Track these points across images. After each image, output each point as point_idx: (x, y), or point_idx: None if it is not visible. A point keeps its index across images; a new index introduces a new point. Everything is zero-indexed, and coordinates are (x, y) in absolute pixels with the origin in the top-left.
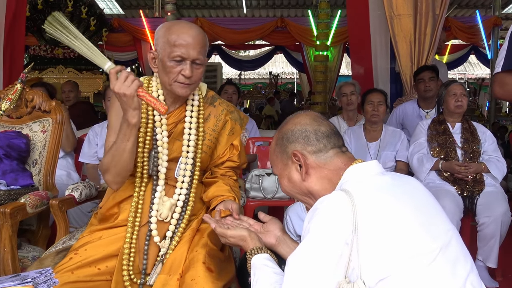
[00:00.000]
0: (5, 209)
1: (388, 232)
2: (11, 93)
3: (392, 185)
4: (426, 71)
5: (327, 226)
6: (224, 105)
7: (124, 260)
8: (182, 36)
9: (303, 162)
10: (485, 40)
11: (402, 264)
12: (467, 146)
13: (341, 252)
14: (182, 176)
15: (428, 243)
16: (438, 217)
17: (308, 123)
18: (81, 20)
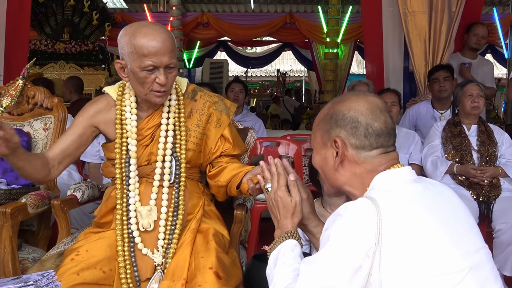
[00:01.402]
0: (6, 209)
1: (414, 247)
2: (12, 90)
3: (423, 196)
4: (440, 70)
5: (348, 235)
6: (207, 97)
7: (122, 273)
8: (150, 43)
9: (341, 153)
10: (502, 39)
11: (428, 283)
12: (483, 149)
13: (360, 264)
14: (159, 174)
15: (457, 261)
16: (471, 234)
17: (364, 113)
18: (83, 14)
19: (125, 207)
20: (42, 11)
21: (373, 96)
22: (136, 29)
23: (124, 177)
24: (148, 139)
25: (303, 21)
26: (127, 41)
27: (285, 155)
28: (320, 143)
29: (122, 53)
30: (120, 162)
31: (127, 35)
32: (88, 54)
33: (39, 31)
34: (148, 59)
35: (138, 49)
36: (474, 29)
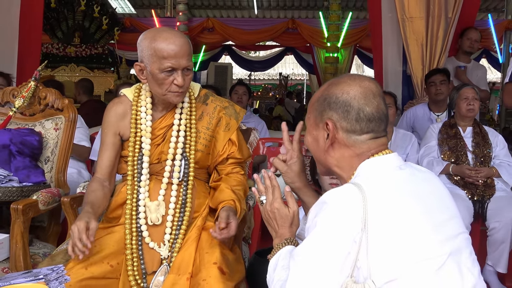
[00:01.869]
0: (18, 206)
1: (398, 232)
2: (24, 91)
3: (408, 182)
4: (437, 74)
5: (335, 222)
6: (217, 102)
7: (129, 265)
8: (170, 47)
9: (332, 135)
10: (496, 44)
11: (411, 267)
12: (478, 150)
13: (348, 250)
14: (168, 172)
15: (438, 246)
16: (453, 220)
17: (357, 97)
18: (93, 19)
19: (135, 202)
20: (54, 16)
21: (368, 81)
22: (156, 34)
23: (135, 174)
24: (160, 139)
25: (305, 27)
26: (147, 44)
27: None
28: (313, 124)
29: (141, 56)
30: (133, 159)
31: (147, 39)
32: (97, 57)
33: (51, 35)
34: (168, 61)
35: (158, 52)
36: (468, 33)
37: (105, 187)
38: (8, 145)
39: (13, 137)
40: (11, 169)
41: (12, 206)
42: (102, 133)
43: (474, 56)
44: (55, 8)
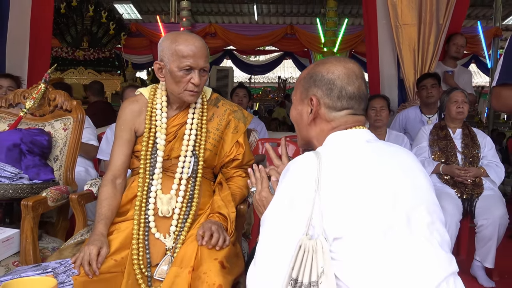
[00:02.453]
0: (28, 202)
1: (347, 195)
2: (35, 93)
3: (369, 153)
4: (428, 78)
5: (293, 184)
6: (228, 105)
7: (134, 254)
8: (189, 47)
9: (315, 110)
10: (485, 50)
11: (356, 228)
12: (467, 151)
13: (303, 208)
14: (180, 173)
15: (388, 213)
16: (413, 192)
17: (341, 77)
18: (101, 24)
19: (145, 195)
20: (64, 21)
21: (352, 63)
22: (178, 36)
23: (147, 168)
24: (172, 136)
25: (303, 32)
26: (168, 45)
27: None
28: (298, 99)
29: (161, 56)
30: (146, 154)
31: (169, 39)
32: (105, 60)
33: (60, 40)
34: (187, 60)
35: (178, 51)
36: (454, 39)
37: (118, 186)
38: (19, 144)
39: (23, 136)
40: (21, 167)
41: (23, 202)
42: (117, 129)
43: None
44: (65, 14)
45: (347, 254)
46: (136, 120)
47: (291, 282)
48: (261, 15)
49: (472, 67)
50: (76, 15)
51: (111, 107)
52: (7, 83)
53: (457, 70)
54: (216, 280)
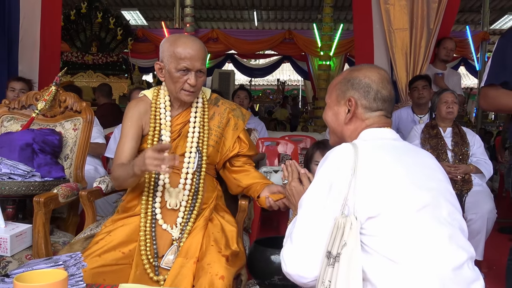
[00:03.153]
0: (40, 199)
1: (381, 179)
2: (46, 95)
3: (397, 148)
4: (420, 80)
5: (331, 169)
6: (227, 104)
7: (142, 245)
8: (187, 50)
9: (353, 110)
10: (474, 53)
11: (390, 207)
12: (457, 149)
13: (339, 190)
14: (187, 163)
15: (415, 195)
16: (433, 181)
17: (376, 81)
18: (109, 30)
19: (152, 190)
20: (73, 27)
21: (383, 70)
22: (177, 38)
23: None
24: (176, 134)
25: (300, 37)
26: (168, 46)
27: (283, 153)
28: (334, 101)
29: (162, 57)
30: None
31: (169, 42)
32: (113, 64)
33: (70, 45)
34: (184, 62)
35: (176, 54)
36: (444, 43)
37: None
38: (31, 144)
39: (35, 136)
40: (34, 165)
41: (35, 199)
42: (124, 127)
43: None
44: (75, 20)
45: (382, 230)
46: (143, 118)
47: (327, 254)
48: (261, 21)
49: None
50: (85, 21)
51: (119, 109)
52: (20, 85)
53: (446, 72)
54: (219, 271)
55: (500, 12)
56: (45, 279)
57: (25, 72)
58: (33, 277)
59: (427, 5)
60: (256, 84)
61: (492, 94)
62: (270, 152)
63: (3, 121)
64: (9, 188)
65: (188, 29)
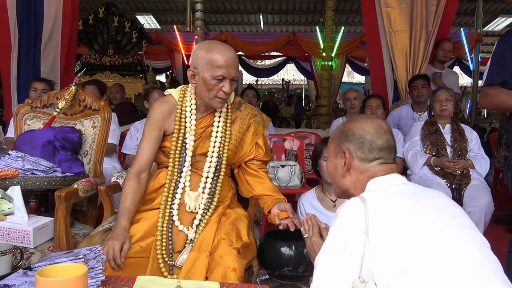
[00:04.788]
0: (61, 193)
1: (398, 231)
2: (66, 94)
3: (409, 193)
4: (419, 79)
5: (342, 230)
6: (249, 109)
7: (158, 244)
8: (224, 58)
9: (348, 162)
10: (468, 54)
11: (417, 257)
12: (456, 144)
13: (355, 251)
14: (208, 167)
15: (440, 240)
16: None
17: (370, 132)
18: (125, 33)
19: (172, 190)
20: (92, 31)
21: (379, 120)
22: (212, 45)
23: (176, 165)
24: (198, 136)
25: (304, 39)
26: (203, 54)
27: (289, 149)
28: (333, 153)
29: (195, 63)
30: (175, 152)
31: (203, 49)
32: (128, 66)
33: (89, 47)
34: (220, 70)
35: (213, 61)
36: (442, 44)
37: (142, 180)
38: (52, 141)
39: (56, 134)
40: (55, 161)
41: (56, 193)
42: (146, 127)
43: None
44: (92, 24)
45: (413, 284)
46: (166, 120)
47: None
48: (267, 24)
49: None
50: (102, 25)
51: (135, 108)
52: (42, 86)
53: (444, 72)
54: (231, 264)
55: (493, 15)
56: (66, 273)
57: (46, 73)
58: (54, 271)
59: (426, 8)
60: (262, 84)
61: (492, 93)
62: (277, 148)
63: (26, 119)
64: (32, 183)
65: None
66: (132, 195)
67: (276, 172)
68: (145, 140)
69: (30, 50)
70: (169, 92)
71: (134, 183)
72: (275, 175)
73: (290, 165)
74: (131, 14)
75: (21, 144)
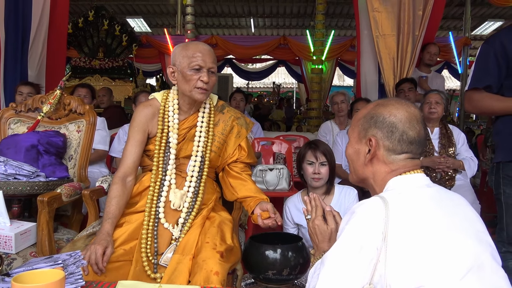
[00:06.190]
0: (43, 198)
1: (418, 244)
2: (51, 98)
3: (433, 198)
4: (405, 82)
5: (359, 230)
6: (232, 112)
7: (143, 243)
8: (198, 50)
9: (373, 151)
10: (456, 57)
11: (434, 276)
12: (443, 150)
13: (370, 257)
14: (191, 171)
15: (459, 259)
16: (473, 237)
17: (402, 120)
18: (115, 36)
19: (157, 189)
20: (81, 34)
21: (413, 107)
22: (188, 43)
23: (160, 165)
24: (181, 137)
25: (294, 43)
26: (180, 50)
27: (278, 152)
28: (356, 138)
29: (174, 60)
30: (158, 152)
31: (180, 47)
32: (118, 69)
33: (78, 50)
34: (196, 60)
35: (188, 54)
36: (428, 48)
37: (128, 184)
38: (36, 145)
39: (40, 138)
40: (38, 166)
41: (39, 198)
42: (131, 131)
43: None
44: (82, 28)
45: None
46: (149, 123)
47: None
48: (257, 28)
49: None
50: (92, 28)
51: (124, 111)
52: (27, 90)
53: (431, 75)
54: (214, 267)
55: (481, 19)
56: (43, 279)
57: (34, 77)
58: (32, 277)
59: (413, 12)
60: (253, 87)
61: (476, 97)
62: (266, 151)
63: (10, 123)
64: (14, 188)
65: (189, 35)
66: (117, 199)
67: (264, 175)
68: (129, 143)
69: (17, 53)
70: (153, 95)
71: (119, 187)
72: (263, 178)
73: (278, 169)
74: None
75: (4, 149)
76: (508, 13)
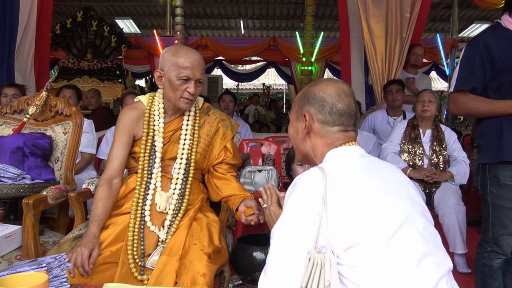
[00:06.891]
0: (29, 201)
1: (353, 205)
2: (37, 100)
3: (367, 166)
4: (393, 84)
5: (301, 199)
6: (217, 114)
7: (129, 245)
8: (188, 60)
9: (308, 124)
10: (444, 59)
11: (368, 233)
12: (434, 156)
13: (312, 221)
14: (177, 174)
15: (390, 217)
16: (405, 198)
17: (331, 95)
18: (103, 37)
19: (142, 192)
20: (70, 35)
21: (341, 83)
22: (178, 49)
23: (145, 168)
24: (167, 140)
25: (284, 44)
26: (169, 56)
27: (267, 154)
28: (295, 117)
29: (162, 65)
30: (144, 155)
31: (171, 51)
32: (107, 70)
33: (67, 52)
34: (185, 71)
35: (178, 63)
36: (413, 49)
37: (114, 186)
38: (22, 147)
39: (26, 140)
40: (24, 168)
41: (24, 201)
42: (116, 133)
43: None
44: (71, 28)
45: (360, 260)
46: (135, 125)
47: None
48: (247, 29)
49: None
50: (81, 29)
51: (112, 113)
52: (12, 91)
53: (417, 76)
54: (201, 269)
55: (468, 21)
56: (26, 282)
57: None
58: (15, 280)
59: (400, 15)
60: (243, 88)
61: (461, 99)
62: (254, 152)
63: None
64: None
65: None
66: (103, 202)
67: (253, 176)
68: (115, 146)
69: (4, 54)
70: (138, 98)
71: (106, 190)
72: (252, 179)
73: (267, 170)
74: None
75: None
76: (494, 15)
